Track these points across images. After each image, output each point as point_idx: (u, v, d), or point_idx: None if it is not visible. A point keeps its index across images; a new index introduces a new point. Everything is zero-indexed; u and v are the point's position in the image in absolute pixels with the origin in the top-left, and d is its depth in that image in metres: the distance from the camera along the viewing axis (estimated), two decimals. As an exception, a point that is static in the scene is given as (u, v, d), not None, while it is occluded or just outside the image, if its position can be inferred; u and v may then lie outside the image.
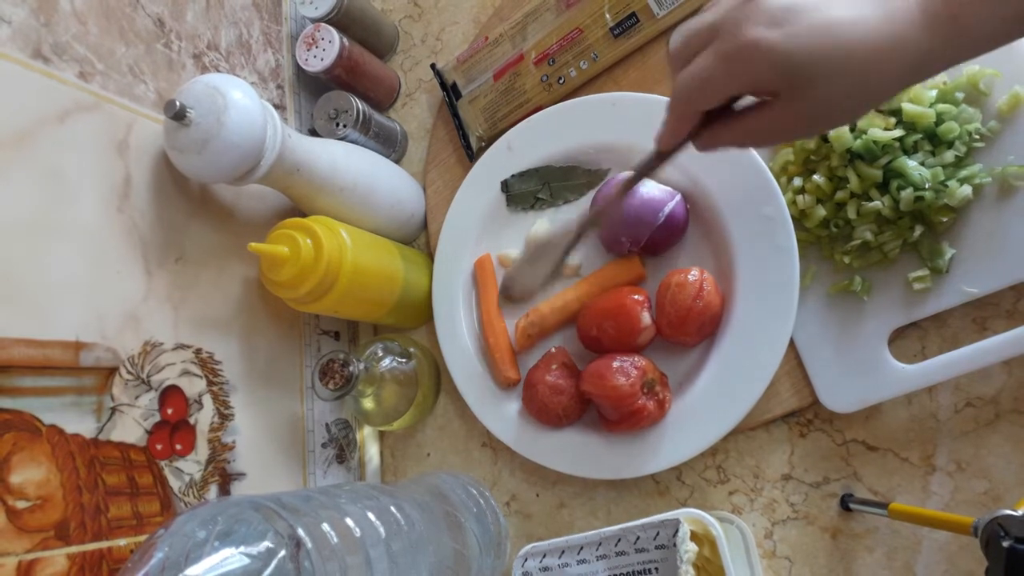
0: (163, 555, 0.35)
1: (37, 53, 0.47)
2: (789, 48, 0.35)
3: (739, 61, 0.37)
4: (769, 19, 0.36)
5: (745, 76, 0.37)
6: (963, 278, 0.51)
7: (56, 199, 0.47)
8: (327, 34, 0.68)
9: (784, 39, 0.35)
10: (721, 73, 0.38)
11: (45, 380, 0.45)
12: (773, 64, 0.36)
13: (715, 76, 0.38)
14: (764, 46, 0.36)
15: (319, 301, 0.57)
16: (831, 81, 0.36)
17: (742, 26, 0.36)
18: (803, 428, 0.57)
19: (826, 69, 0.36)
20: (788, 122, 0.39)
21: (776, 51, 0.35)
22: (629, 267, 0.61)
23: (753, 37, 0.36)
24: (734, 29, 0.37)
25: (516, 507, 0.67)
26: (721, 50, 0.37)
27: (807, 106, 0.37)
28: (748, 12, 0.36)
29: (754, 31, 0.36)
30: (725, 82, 0.38)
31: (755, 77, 0.37)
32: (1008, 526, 0.38)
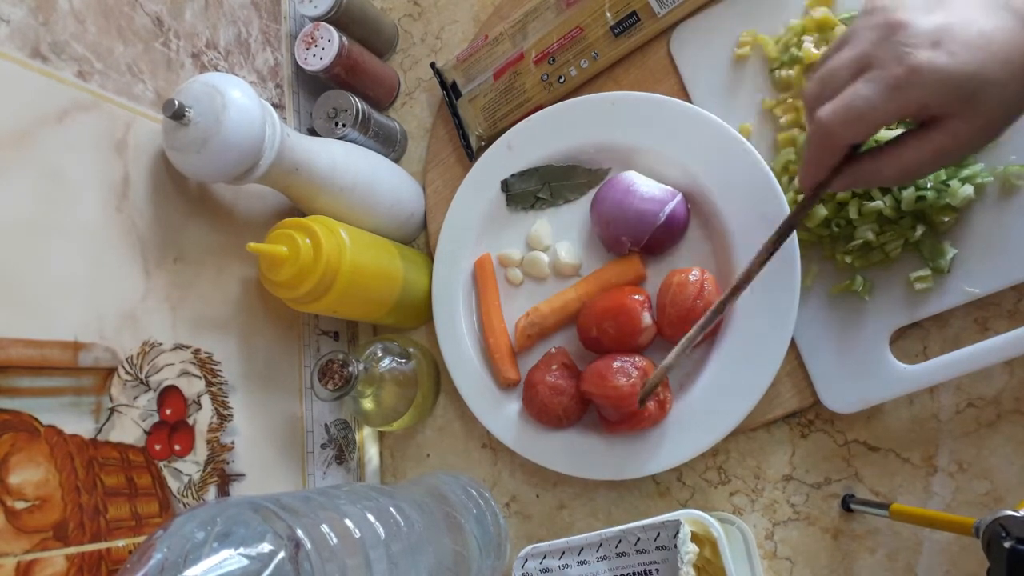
0: (162, 556, 0.35)
1: (36, 52, 0.47)
2: (956, 65, 0.36)
3: (908, 87, 0.37)
4: (929, 42, 0.36)
5: (915, 101, 0.37)
6: (965, 278, 0.51)
7: (54, 199, 0.47)
8: (326, 33, 0.68)
9: (950, 58, 0.36)
10: (886, 101, 0.38)
11: (43, 380, 0.45)
12: (945, 84, 0.36)
13: (879, 105, 0.38)
14: (934, 68, 0.36)
15: (318, 301, 0.57)
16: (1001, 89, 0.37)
17: (904, 52, 0.37)
18: (804, 429, 0.57)
19: (993, 78, 0.36)
20: (964, 137, 0.39)
21: (946, 71, 0.36)
22: (629, 267, 0.61)
23: (920, 61, 0.36)
24: (896, 57, 0.37)
25: (516, 508, 0.66)
26: (885, 78, 0.37)
27: (982, 118, 0.38)
28: (904, 39, 0.37)
29: (920, 55, 0.36)
30: (890, 110, 0.38)
31: (925, 100, 0.37)
32: (1010, 527, 0.38)
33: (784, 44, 0.58)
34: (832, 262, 0.55)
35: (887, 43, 0.38)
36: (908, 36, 0.37)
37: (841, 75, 0.39)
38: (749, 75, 0.60)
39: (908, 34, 0.37)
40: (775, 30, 0.59)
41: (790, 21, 0.58)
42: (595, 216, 0.62)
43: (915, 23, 0.37)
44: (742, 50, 0.60)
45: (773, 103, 0.58)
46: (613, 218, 0.59)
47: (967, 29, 0.37)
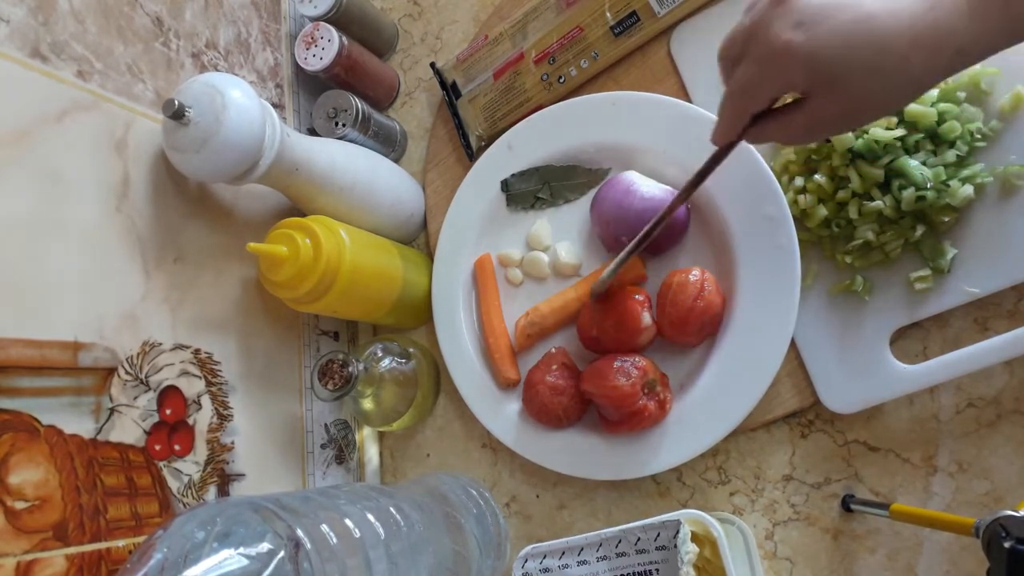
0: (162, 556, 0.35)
1: (35, 52, 0.47)
2: (815, 49, 0.36)
3: (771, 65, 0.38)
4: (796, 21, 0.36)
5: (779, 79, 0.38)
6: (965, 278, 0.51)
7: (54, 198, 0.47)
8: (326, 33, 0.68)
9: (809, 40, 0.36)
10: (759, 78, 0.39)
11: (43, 380, 0.45)
12: (801, 65, 0.36)
13: (754, 82, 0.39)
14: (791, 48, 0.36)
15: (318, 301, 0.57)
16: (865, 77, 0.36)
17: (771, 29, 0.37)
18: (804, 429, 0.57)
19: (858, 66, 0.36)
20: (826, 119, 0.39)
21: (802, 53, 0.36)
22: (630, 267, 0.61)
23: (781, 40, 0.37)
24: (765, 33, 0.38)
25: (516, 508, 0.66)
26: (754, 55, 0.39)
27: (844, 103, 0.38)
28: (776, 14, 0.37)
29: (782, 34, 0.37)
30: (764, 86, 0.39)
31: (788, 79, 0.38)
32: (1010, 527, 0.38)
33: (784, 44, 0.58)
34: (832, 262, 0.55)
35: (767, 17, 0.38)
36: (784, 13, 0.37)
37: (737, 41, 0.40)
38: (749, 75, 0.60)
39: (785, 10, 0.37)
40: (775, 30, 0.59)
41: (790, 21, 0.58)
42: (595, 216, 0.62)
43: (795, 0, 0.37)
44: (742, 50, 0.60)
45: (773, 103, 0.58)
46: (613, 218, 0.59)
47: (843, 11, 0.35)
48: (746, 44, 0.39)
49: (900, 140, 0.51)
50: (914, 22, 0.35)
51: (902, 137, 0.51)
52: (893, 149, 0.51)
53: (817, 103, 0.38)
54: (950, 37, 0.35)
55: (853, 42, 0.35)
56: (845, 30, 0.35)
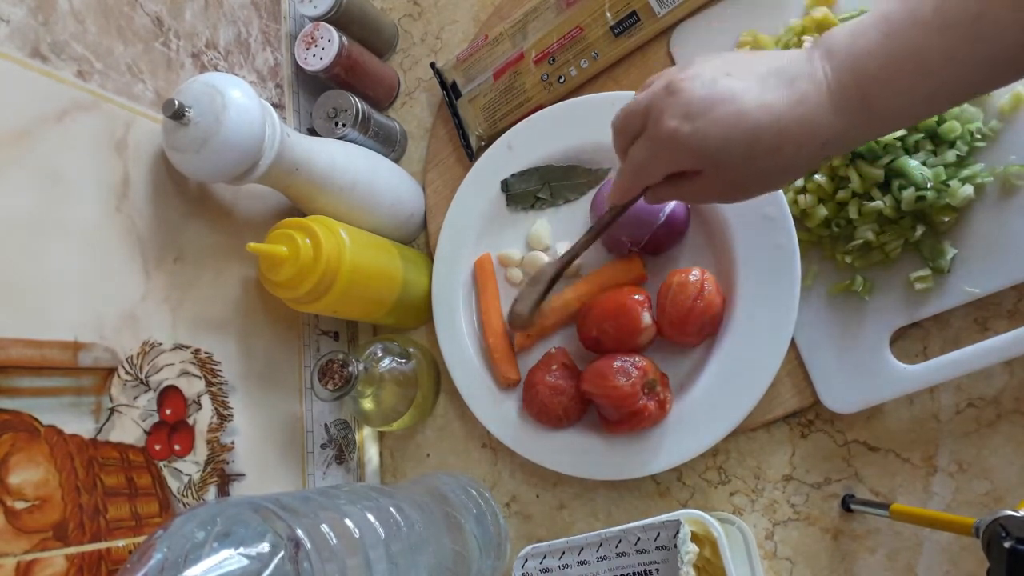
0: (162, 556, 0.35)
1: (35, 52, 0.47)
2: (699, 139, 0.40)
3: (663, 149, 0.42)
4: (684, 112, 0.40)
5: (671, 161, 0.43)
6: (965, 278, 0.51)
7: (54, 198, 0.47)
8: (326, 33, 0.68)
9: (694, 131, 0.40)
10: (653, 160, 0.43)
11: (43, 380, 0.45)
12: (688, 152, 0.41)
13: (648, 161, 0.44)
14: (679, 137, 0.40)
15: (318, 301, 0.57)
16: (742, 163, 0.40)
17: (662, 118, 0.41)
18: (804, 429, 0.57)
19: (736, 153, 0.40)
20: (713, 192, 0.44)
21: (689, 143, 0.40)
22: (629, 267, 0.61)
23: (670, 129, 0.41)
24: (657, 120, 0.42)
25: (516, 508, 0.66)
26: (648, 138, 0.43)
27: (725, 182, 0.42)
28: (668, 104, 0.41)
29: (671, 123, 0.41)
30: (657, 165, 0.44)
31: (678, 161, 0.42)
32: (1010, 527, 0.38)
33: (784, 44, 0.58)
34: (832, 262, 0.55)
35: (659, 104, 0.41)
36: (674, 102, 0.40)
37: (633, 118, 0.44)
38: (749, 75, 0.60)
39: (676, 100, 0.40)
40: (775, 30, 0.59)
41: (790, 21, 0.58)
42: (595, 216, 0.62)
43: (685, 91, 0.40)
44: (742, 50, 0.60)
45: (773, 103, 0.58)
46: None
47: (726, 105, 0.39)
48: (642, 123, 0.43)
49: (900, 140, 0.51)
50: (782, 116, 0.39)
51: (902, 137, 0.51)
52: (893, 149, 0.51)
53: (705, 179, 0.42)
54: (815, 131, 0.39)
55: (730, 134, 0.39)
56: (724, 122, 0.39)
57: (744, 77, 0.40)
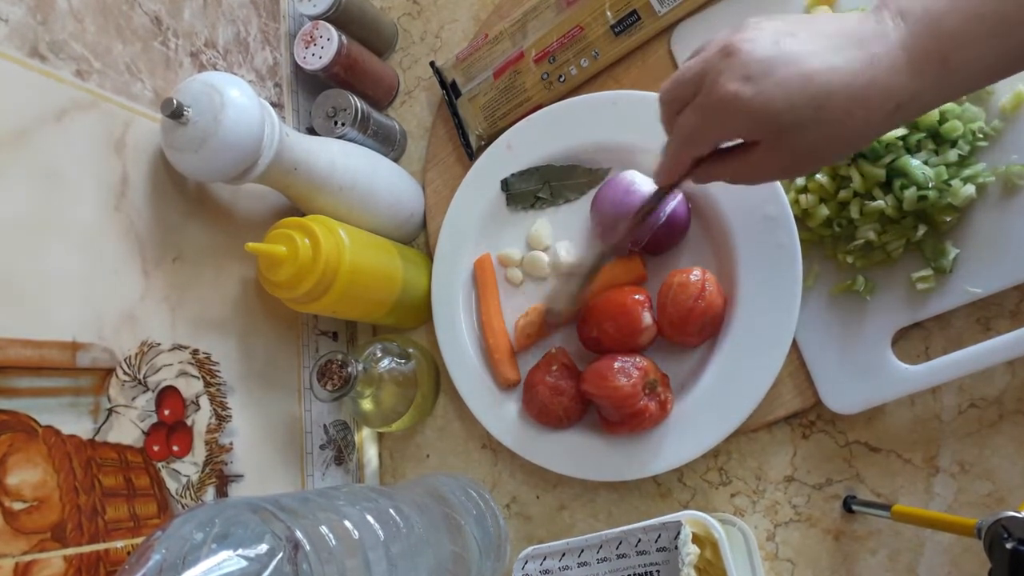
0: (160, 557, 0.35)
1: (34, 52, 0.47)
2: (762, 102, 0.37)
3: (718, 114, 0.39)
4: (744, 74, 0.37)
5: (726, 127, 0.40)
6: (967, 278, 0.50)
7: (53, 198, 0.47)
8: (325, 32, 0.68)
9: (756, 94, 0.37)
10: (704, 126, 0.40)
11: (42, 381, 0.45)
12: (748, 117, 0.38)
13: (700, 129, 0.41)
14: (739, 101, 0.38)
15: (317, 301, 0.57)
16: (807, 130, 0.38)
17: (719, 80, 0.38)
18: (806, 429, 0.56)
19: (801, 119, 0.37)
20: (770, 165, 0.41)
21: (750, 106, 0.37)
22: (630, 267, 0.61)
23: (729, 91, 0.38)
24: (713, 83, 0.39)
25: (516, 509, 0.66)
26: (701, 104, 0.40)
27: (787, 153, 0.39)
28: (725, 66, 0.38)
29: (730, 86, 0.38)
30: (709, 133, 0.41)
31: (735, 128, 0.40)
32: (1012, 528, 0.38)
33: (785, 43, 0.58)
34: (834, 262, 0.55)
35: (715, 66, 0.39)
36: (733, 63, 0.38)
37: (684, 84, 0.41)
38: (750, 74, 0.60)
39: (734, 61, 0.38)
40: (776, 29, 0.59)
41: (791, 20, 0.58)
42: (595, 216, 0.62)
43: (746, 51, 0.38)
44: (743, 49, 0.60)
45: (774, 102, 0.58)
46: (613, 218, 0.59)
47: (791, 66, 0.37)
48: (693, 90, 0.40)
49: (902, 139, 0.51)
50: (853, 79, 0.36)
51: (904, 136, 0.51)
52: (895, 148, 0.51)
53: (762, 151, 0.40)
54: (888, 93, 0.37)
55: (796, 97, 0.37)
56: (789, 85, 0.37)
57: (809, 38, 0.37)
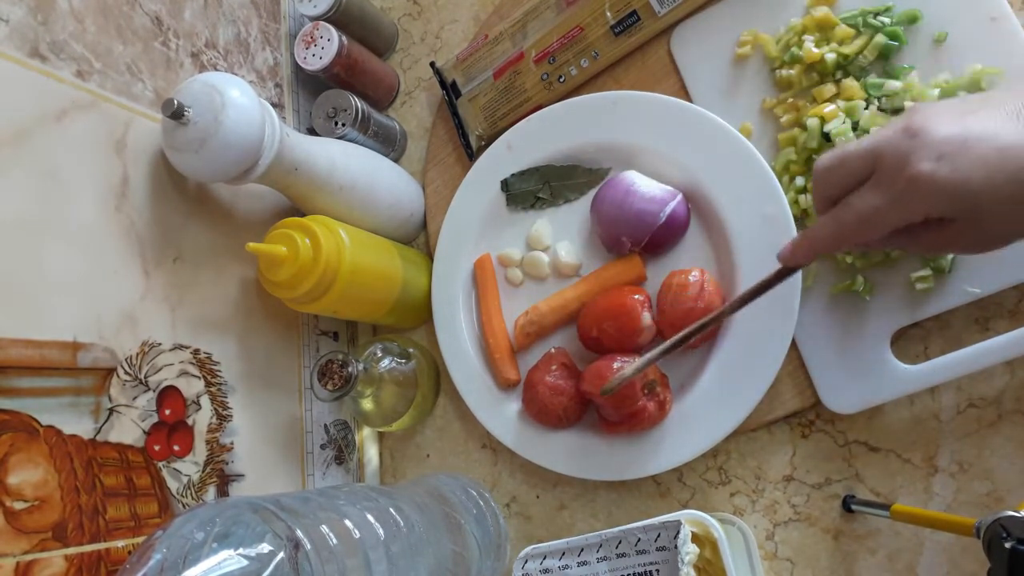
0: (161, 557, 0.35)
1: (35, 52, 0.47)
2: (960, 180, 0.36)
3: (907, 196, 0.37)
4: (937, 154, 0.36)
5: (916, 209, 0.38)
6: (965, 278, 0.51)
7: (53, 198, 0.47)
8: (326, 32, 0.68)
9: (953, 172, 0.36)
10: (891, 209, 0.38)
11: (42, 381, 0.45)
12: (946, 196, 0.36)
13: (885, 213, 0.39)
14: (936, 181, 0.36)
15: (318, 301, 0.57)
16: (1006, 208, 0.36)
17: (910, 160, 0.37)
18: (805, 429, 0.56)
19: (1002, 195, 0.36)
20: (965, 242, 0.39)
21: (948, 185, 0.36)
22: (630, 267, 0.61)
23: (923, 171, 0.36)
24: (898, 164, 0.37)
25: (516, 509, 0.66)
26: (888, 187, 0.38)
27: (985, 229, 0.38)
28: (914, 145, 0.37)
29: (923, 166, 0.36)
30: (895, 215, 0.38)
31: (927, 209, 0.37)
32: (1010, 527, 0.38)
33: (785, 43, 0.58)
34: (833, 262, 0.55)
35: (899, 146, 0.37)
36: (922, 143, 0.37)
37: (852, 162, 0.40)
38: (750, 74, 0.60)
39: (923, 141, 0.37)
40: (776, 29, 0.59)
41: (791, 20, 0.58)
42: (595, 216, 0.62)
43: (931, 131, 0.37)
44: (743, 49, 0.60)
45: (774, 103, 0.58)
46: (613, 218, 0.59)
47: (984, 143, 0.36)
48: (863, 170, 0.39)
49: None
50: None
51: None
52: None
53: (957, 228, 0.38)
54: None
55: (995, 174, 0.35)
56: (986, 161, 0.35)
57: (991, 115, 0.36)
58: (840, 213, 0.41)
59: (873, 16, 0.55)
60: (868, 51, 0.54)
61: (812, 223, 0.55)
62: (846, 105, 0.53)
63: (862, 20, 0.55)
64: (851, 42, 0.55)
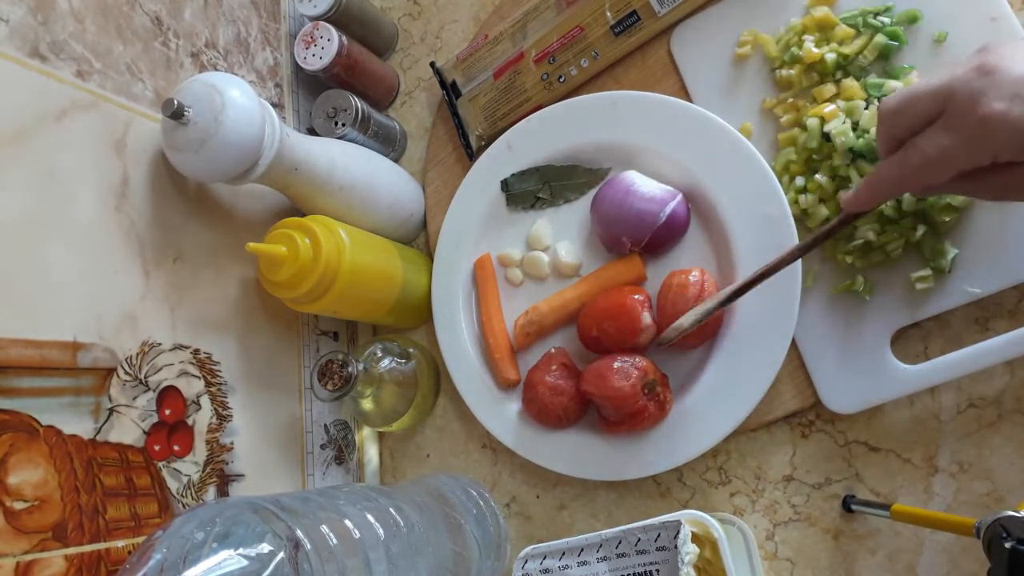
0: (161, 557, 0.35)
1: (35, 52, 0.47)
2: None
3: (979, 137, 0.37)
4: (1012, 93, 0.35)
5: (989, 151, 0.37)
6: (965, 278, 0.51)
7: (53, 198, 0.47)
8: (326, 32, 0.68)
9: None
10: (961, 150, 0.37)
11: (43, 381, 0.45)
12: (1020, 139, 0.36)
13: (954, 154, 0.38)
14: (1009, 122, 0.35)
15: (318, 301, 0.57)
16: None
17: (980, 100, 0.36)
18: (805, 429, 0.56)
19: None
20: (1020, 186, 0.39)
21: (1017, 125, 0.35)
22: (630, 267, 0.61)
23: (997, 111, 0.35)
24: (970, 103, 0.36)
25: (516, 509, 0.66)
26: (959, 127, 0.37)
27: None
28: (987, 85, 0.36)
29: (996, 106, 0.35)
30: (965, 158, 0.38)
31: (999, 150, 0.37)
32: (1010, 527, 0.38)
33: (785, 43, 0.58)
34: (833, 262, 0.55)
35: (972, 84, 0.36)
36: (993, 83, 0.36)
37: (921, 101, 0.39)
38: (750, 74, 0.60)
39: (996, 80, 0.36)
40: (776, 29, 0.59)
41: (791, 20, 0.58)
42: (595, 216, 0.62)
43: (1006, 70, 0.36)
44: (743, 49, 0.60)
45: (774, 103, 0.58)
46: (613, 218, 0.59)
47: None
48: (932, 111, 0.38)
49: (901, 140, 0.51)
50: None
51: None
52: (894, 149, 0.51)
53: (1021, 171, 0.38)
54: None
55: None
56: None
57: None
58: (906, 155, 0.39)
59: (873, 16, 0.55)
60: (868, 51, 0.54)
61: (814, 221, 0.55)
62: (846, 105, 0.53)
63: (862, 20, 0.55)
64: (851, 42, 0.55)
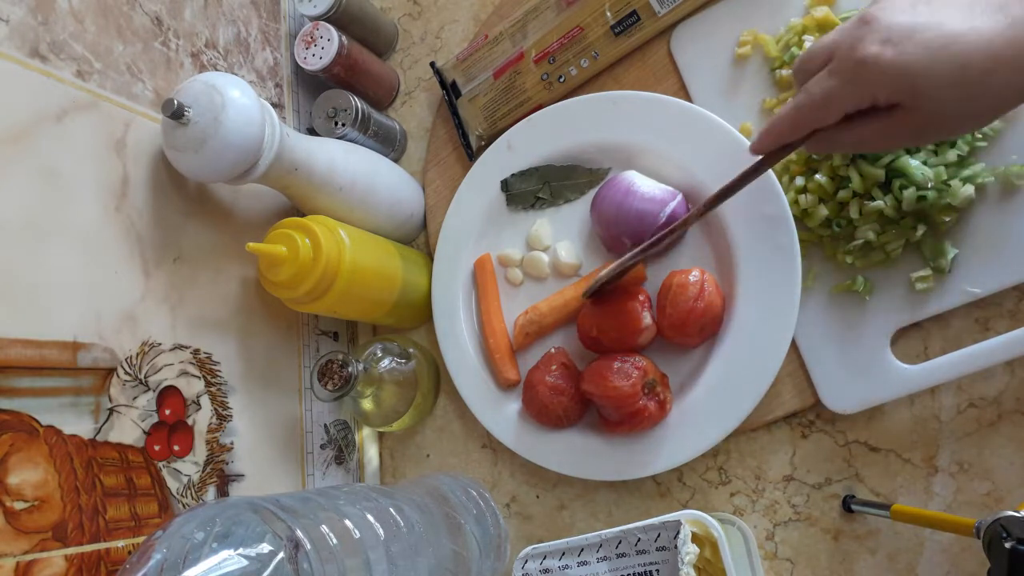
0: (161, 557, 0.35)
1: (35, 52, 0.47)
2: (904, 63, 0.38)
3: (856, 78, 0.40)
4: (884, 38, 0.38)
5: (864, 90, 0.40)
6: (966, 278, 0.51)
7: (53, 198, 0.47)
8: (326, 32, 0.68)
9: (897, 55, 0.38)
10: (840, 90, 0.41)
11: (42, 381, 0.45)
12: (890, 78, 0.38)
13: (836, 95, 0.41)
14: (881, 62, 0.38)
15: (318, 301, 0.57)
16: (948, 91, 0.38)
17: (857, 46, 0.39)
18: (805, 429, 0.56)
19: (943, 80, 0.37)
20: (905, 130, 0.41)
21: (893, 66, 0.38)
22: (630, 267, 0.61)
23: (870, 53, 0.39)
24: (850, 49, 0.40)
25: (516, 509, 0.66)
26: (838, 68, 0.40)
27: (925, 115, 0.39)
28: (863, 33, 0.39)
29: (869, 48, 0.39)
30: (844, 97, 0.41)
31: (872, 92, 0.40)
32: (1010, 527, 0.38)
33: (785, 43, 0.58)
34: (833, 262, 0.55)
35: (852, 33, 0.40)
36: (870, 30, 0.39)
37: (817, 55, 0.42)
38: (750, 74, 0.60)
39: (871, 28, 0.39)
40: (776, 29, 0.59)
41: (791, 20, 0.58)
42: (595, 216, 0.62)
43: (882, 19, 0.39)
44: (743, 49, 0.60)
45: (774, 102, 0.58)
46: (613, 218, 0.59)
47: (930, 30, 0.37)
48: (825, 61, 0.41)
49: (901, 140, 0.51)
50: (994, 40, 0.37)
51: (903, 137, 0.51)
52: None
53: (899, 115, 0.40)
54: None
55: (938, 57, 0.37)
56: (931, 46, 0.37)
57: (943, 4, 0.38)
58: (798, 98, 0.43)
59: (873, 16, 0.55)
60: (868, 51, 0.54)
61: (814, 221, 0.55)
62: (846, 105, 0.53)
63: (862, 20, 0.55)
64: (851, 42, 0.55)
